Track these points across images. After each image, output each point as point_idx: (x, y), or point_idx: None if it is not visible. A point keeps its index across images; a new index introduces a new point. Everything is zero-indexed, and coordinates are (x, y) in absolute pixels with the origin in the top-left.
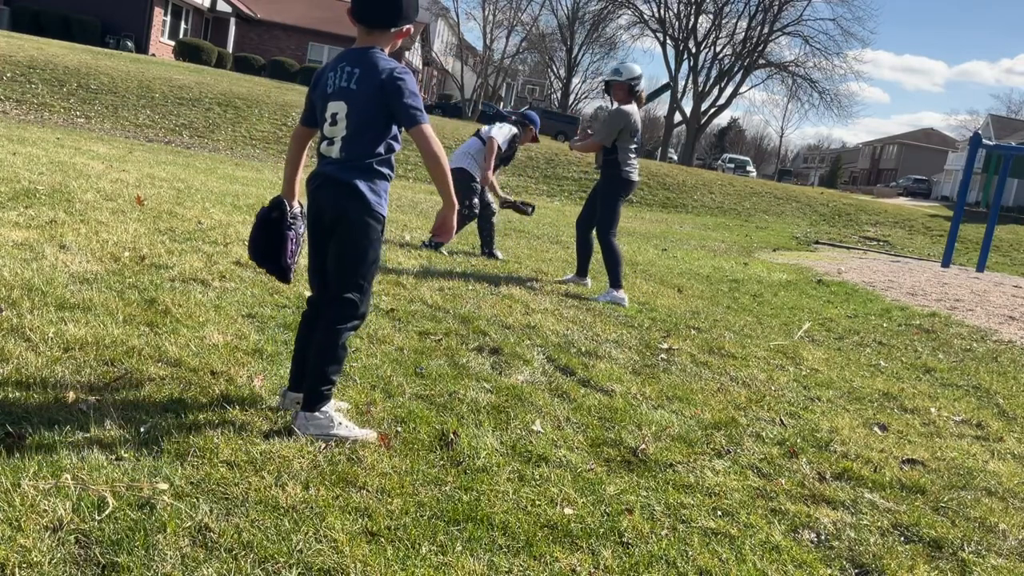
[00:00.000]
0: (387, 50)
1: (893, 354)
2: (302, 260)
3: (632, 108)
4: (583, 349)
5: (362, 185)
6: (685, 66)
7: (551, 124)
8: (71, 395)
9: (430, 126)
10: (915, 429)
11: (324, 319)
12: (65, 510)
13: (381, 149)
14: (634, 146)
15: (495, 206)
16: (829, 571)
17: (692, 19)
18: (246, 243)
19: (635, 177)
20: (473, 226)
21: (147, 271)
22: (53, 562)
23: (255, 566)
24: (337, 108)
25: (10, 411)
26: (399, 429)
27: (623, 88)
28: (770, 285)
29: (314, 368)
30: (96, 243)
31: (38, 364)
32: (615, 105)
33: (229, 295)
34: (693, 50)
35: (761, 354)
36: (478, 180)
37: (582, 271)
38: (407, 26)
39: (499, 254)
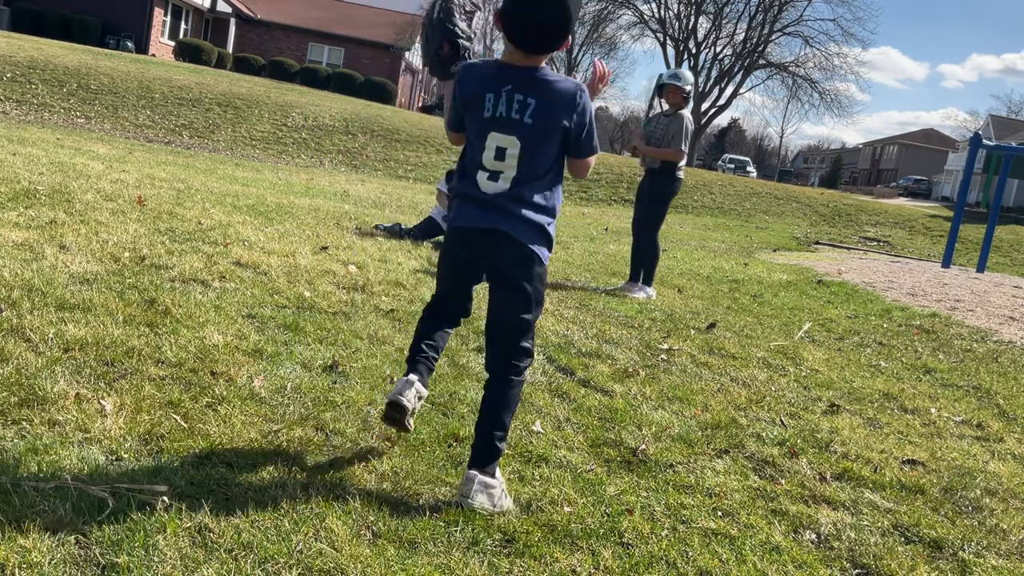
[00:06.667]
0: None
1: (893, 354)
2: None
3: (688, 112)
4: (583, 349)
5: (540, 247)
6: (685, 66)
7: None
8: (71, 395)
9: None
10: (915, 429)
11: (504, 371)
12: (65, 510)
13: (554, 184)
14: None
15: None
16: (829, 572)
17: (692, 19)
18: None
19: (683, 176)
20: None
21: (147, 271)
22: (53, 562)
23: (255, 566)
24: (506, 143)
25: (10, 411)
26: None
27: (679, 93)
28: (770, 285)
29: (492, 417)
30: (96, 243)
31: (38, 364)
32: (670, 109)
33: (229, 295)
34: (693, 50)
35: (761, 354)
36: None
37: (638, 276)
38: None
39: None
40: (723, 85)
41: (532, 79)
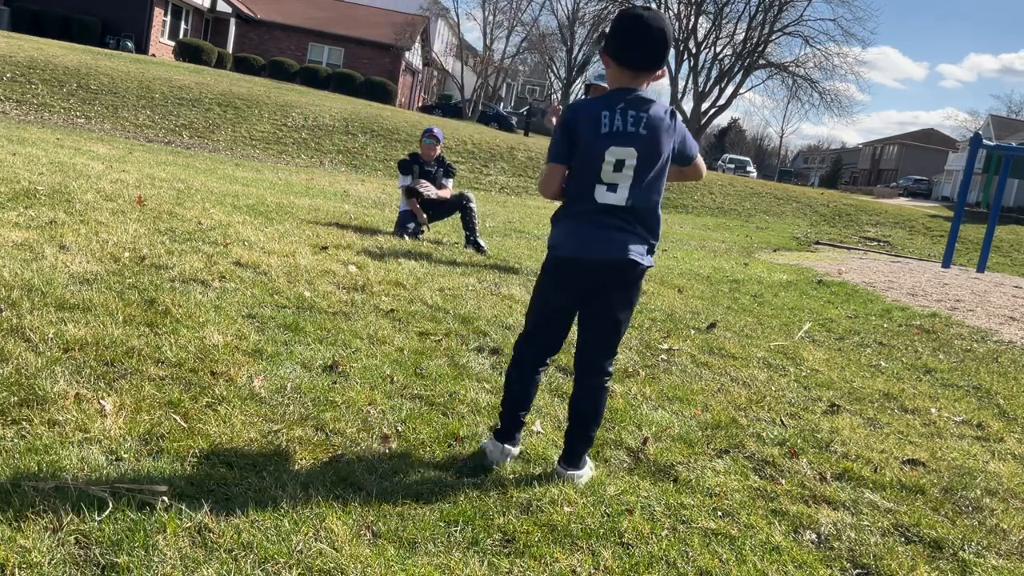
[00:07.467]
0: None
1: (893, 354)
2: None
3: None
4: None
5: (648, 257)
6: (685, 66)
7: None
8: (71, 395)
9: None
10: (915, 429)
11: (595, 384)
12: (65, 510)
13: (659, 205)
14: None
15: (470, 195)
16: (829, 572)
17: (692, 19)
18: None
19: None
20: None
21: (147, 271)
22: (53, 562)
23: (255, 566)
24: (624, 155)
25: (10, 411)
26: (399, 429)
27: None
28: (770, 285)
29: (586, 431)
30: (96, 243)
31: (38, 364)
32: None
33: (229, 295)
34: (693, 50)
35: (761, 354)
36: (418, 221)
37: None
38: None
39: (483, 244)
40: (723, 85)
41: (638, 97)
